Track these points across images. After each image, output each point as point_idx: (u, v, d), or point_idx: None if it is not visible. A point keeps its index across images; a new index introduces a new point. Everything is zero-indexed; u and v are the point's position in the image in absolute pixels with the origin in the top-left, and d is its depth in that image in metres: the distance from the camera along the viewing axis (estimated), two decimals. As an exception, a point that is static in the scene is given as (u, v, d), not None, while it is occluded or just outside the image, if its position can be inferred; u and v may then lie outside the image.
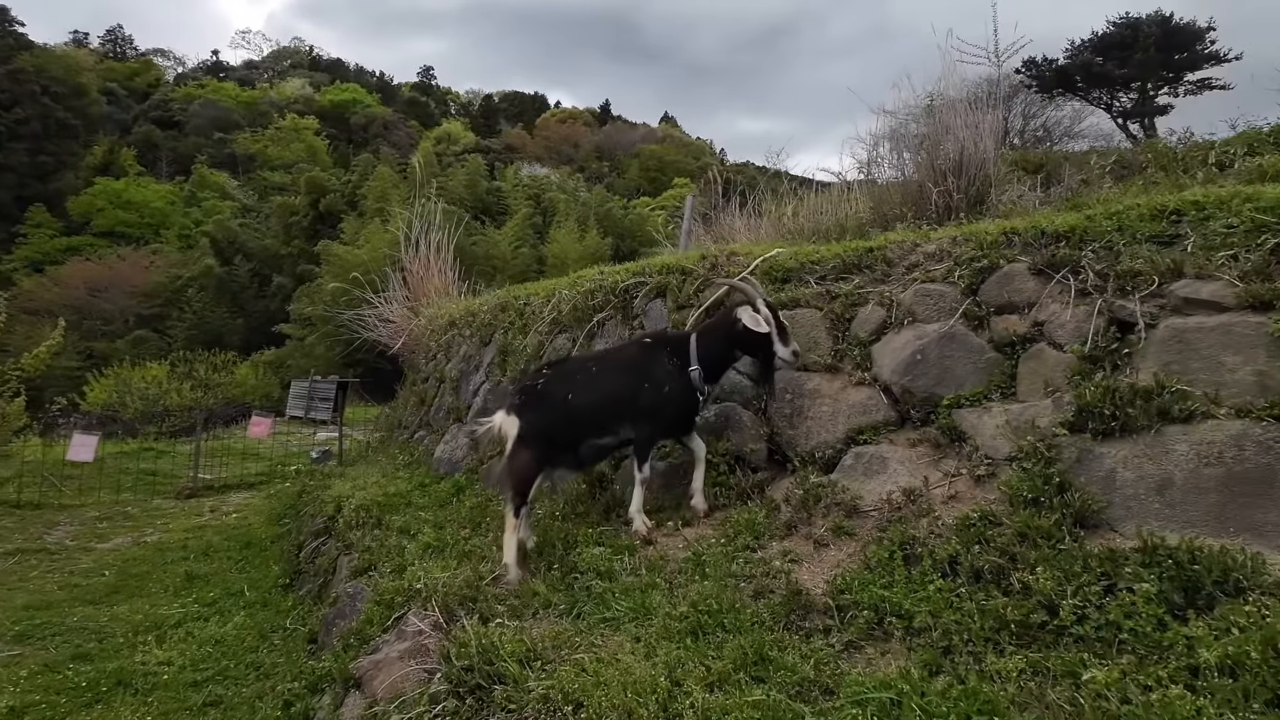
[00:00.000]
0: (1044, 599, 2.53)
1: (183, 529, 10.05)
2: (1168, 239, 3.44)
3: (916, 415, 3.81)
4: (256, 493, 12.75)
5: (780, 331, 3.95)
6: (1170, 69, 23.30)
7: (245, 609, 6.75)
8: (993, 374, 3.64)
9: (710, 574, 3.26)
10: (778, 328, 3.94)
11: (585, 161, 67.45)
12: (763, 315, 3.92)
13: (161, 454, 16.77)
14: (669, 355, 4.22)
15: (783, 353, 3.94)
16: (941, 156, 6.30)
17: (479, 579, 4.14)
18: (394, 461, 8.40)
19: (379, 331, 13.48)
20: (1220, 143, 7.76)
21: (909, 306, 4.10)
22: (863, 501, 3.54)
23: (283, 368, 32.22)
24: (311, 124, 61.38)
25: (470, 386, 7.77)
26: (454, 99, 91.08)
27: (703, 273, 5.41)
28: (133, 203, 51.05)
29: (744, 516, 3.81)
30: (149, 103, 66.06)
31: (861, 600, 2.84)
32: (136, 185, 52.91)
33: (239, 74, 79.22)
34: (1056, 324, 3.49)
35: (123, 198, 50.95)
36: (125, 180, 52.91)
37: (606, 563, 3.61)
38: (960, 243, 4.20)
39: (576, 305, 6.15)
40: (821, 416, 4.11)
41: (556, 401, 4.31)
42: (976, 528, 2.96)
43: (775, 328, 3.93)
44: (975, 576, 2.78)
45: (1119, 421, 2.96)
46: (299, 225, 44.17)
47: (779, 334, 3.93)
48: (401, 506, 6.41)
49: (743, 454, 4.41)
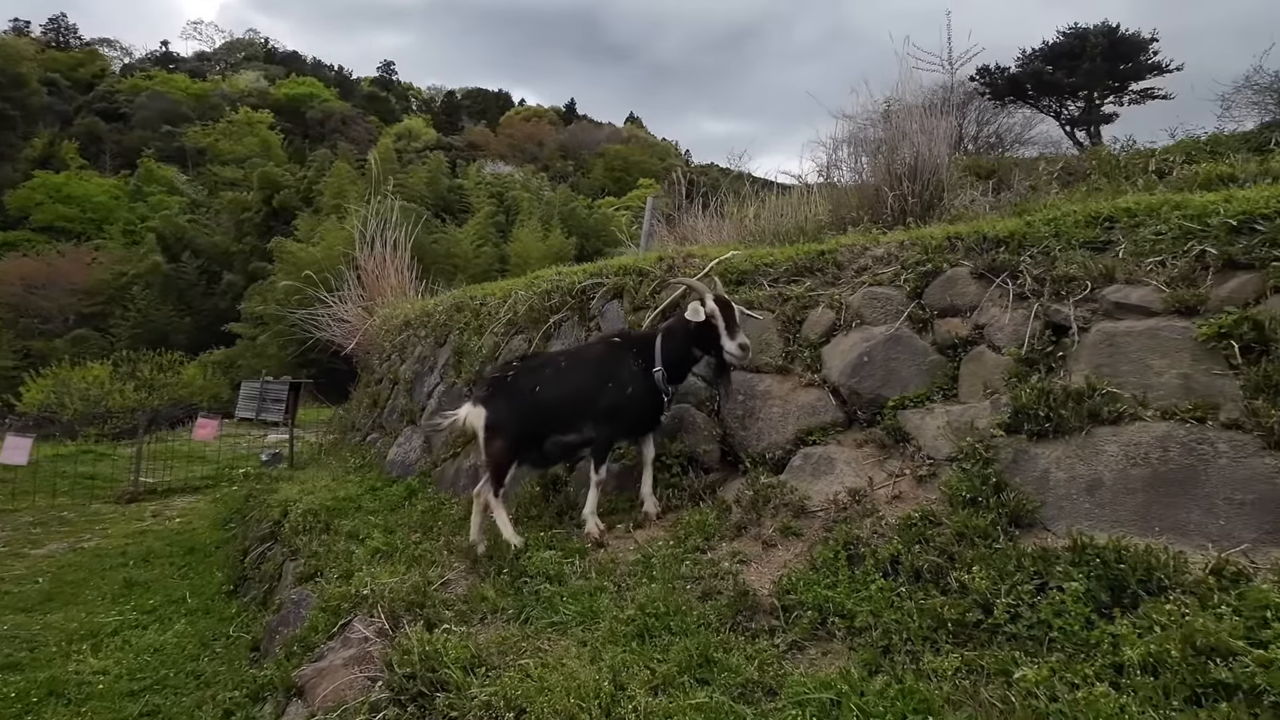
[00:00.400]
0: (979, 598, 2.59)
1: (123, 534, 9.70)
2: (1101, 244, 3.56)
3: (863, 416, 3.87)
4: (202, 497, 12.37)
5: (728, 325, 3.93)
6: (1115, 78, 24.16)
7: (187, 616, 6.56)
8: (936, 376, 3.72)
9: (659, 576, 3.27)
10: (726, 321, 3.92)
11: (549, 160, 67.04)
12: (707, 308, 3.91)
13: (102, 457, 16.17)
14: (635, 356, 4.22)
15: (729, 346, 3.92)
16: (897, 161, 6.45)
17: (427, 584, 4.08)
18: (345, 464, 8.23)
19: (333, 331, 13.21)
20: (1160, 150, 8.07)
21: (857, 309, 4.16)
22: (810, 502, 3.58)
23: (233, 368, 31.34)
24: (266, 118, 59.72)
25: (425, 388, 7.65)
26: (415, 95, 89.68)
27: (660, 274, 5.42)
28: (74, 197, 49.00)
29: (695, 518, 3.82)
30: (93, 94, 63.50)
31: (806, 600, 2.87)
32: (78, 179, 50.81)
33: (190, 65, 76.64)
34: (996, 327, 3.58)
35: (63, 192, 48.88)
36: (66, 174, 50.76)
37: (556, 566, 3.59)
38: (907, 247, 4.29)
39: (533, 306, 6.10)
40: (772, 418, 4.15)
41: (524, 394, 4.32)
42: (918, 527, 3.02)
43: (723, 321, 3.92)
44: (915, 576, 2.83)
45: (1053, 423, 3.05)
46: (251, 222, 43.01)
47: (726, 327, 3.92)
48: (351, 511, 6.29)
49: (696, 455, 4.42)
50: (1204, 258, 3.16)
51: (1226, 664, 1.92)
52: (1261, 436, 2.62)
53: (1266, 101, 16.31)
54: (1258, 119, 14.27)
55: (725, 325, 3.93)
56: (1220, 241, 3.13)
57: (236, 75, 72.84)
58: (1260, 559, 2.35)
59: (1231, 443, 2.66)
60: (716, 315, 3.92)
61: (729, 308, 4.01)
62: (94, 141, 57.68)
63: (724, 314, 3.95)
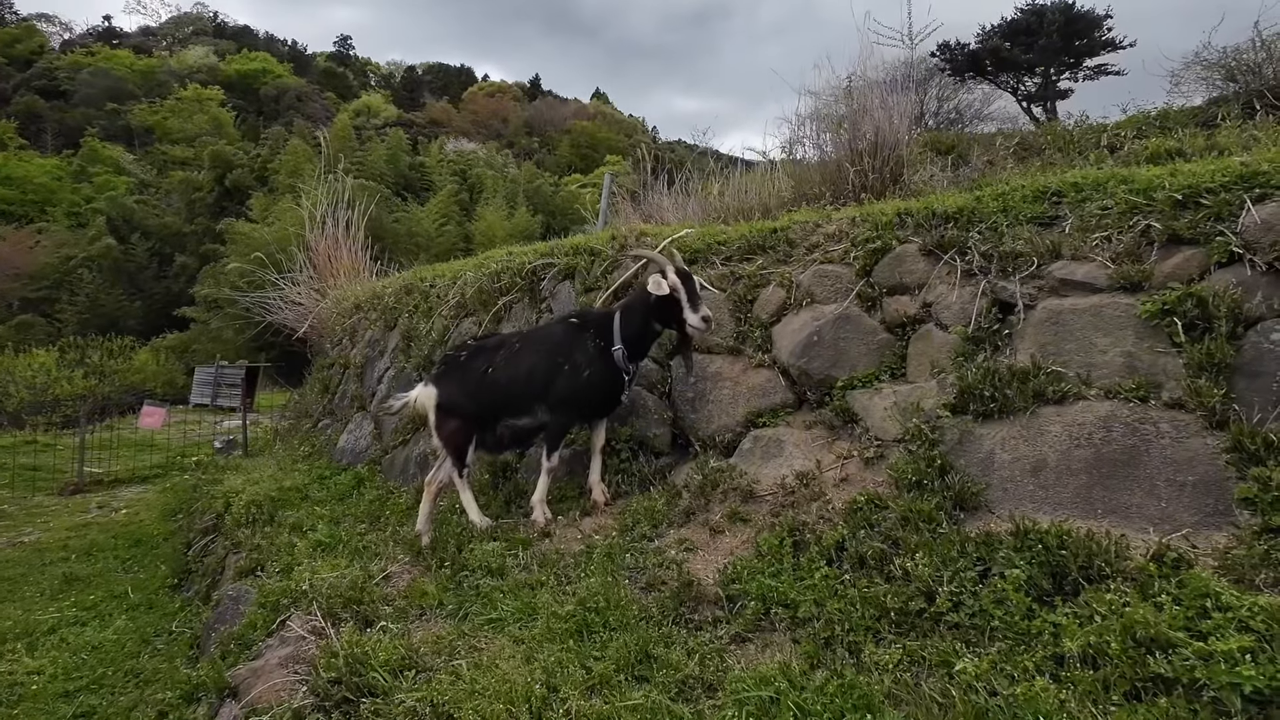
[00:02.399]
0: (922, 585, 2.53)
1: (65, 528, 9.34)
2: (1049, 220, 3.50)
3: (813, 397, 3.79)
4: (151, 487, 11.98)
5: (690, 297, 3.76)
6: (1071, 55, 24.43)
7: (128, 612, 6.32)
8: (884, 355, 3.65)
9: (600, 568, 3.16)
10: (688, 293, 3.76)
11: (514, 137, 65.83)
12: (669, 281, 3.75)
13: (46, 447, 15.56)
14: (592, 336, 4.04)
15: (692, 319, 3.73)
16: (859, 137, 6.38)
17: (368, 578, 3.94)
18: (294, 452, 7.97)
19: (284, 315, 12.79)
20: (1112, 126, 8.09)
21: (808, 288, 4.07)
22: (759, 486, 3.50)
23: (187, 353, 30.45)
24: (216, 95, 57.43)
25: (375, 373, 7.41)
26: (374, 70, 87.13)
27: (612, 253, 5.26)
28: (13, 178, 46.73)
29: (644, 505, 3.72)
30: (31, 71, 60.38)
31: (750, 590, 2.79)
32: (18, 159, 48.43)
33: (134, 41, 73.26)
34: (943, 305, 3.51)
35: (2, 173, 46.63)
36: (5, 154, 48.35)
37: (499, 559, 3.46)
38: (858, 223, 4.19)
39: (482, 288, 5.90)
40: (723, 400, 4.05)
41: (476, 375, 4.18)
42: (863, 512, 2.96)
43: (685, 293, 3.76)
44: (860, 563, 2.77)
45: (998, 403, 3.00)
46: (203, 202, 41.64)
47: (688, 299, 3.75)
48: (297, 501, 6.08)
49: (646, 439, 4.32)
50: (1149, 233, 3.11)
51: (1166, 656, 1.88)
52: (1203, 416, 2.58)
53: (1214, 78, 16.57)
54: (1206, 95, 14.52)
55: (687, 297, 3.77)
56: (1165, 216, 3.07)
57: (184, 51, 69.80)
58: (1201, 543, 2.32)
59: (1174, 423, 2.63)
60: (679, 287, 3.76)
61: (690, 279, 3.85)
62: (34, 120, 55.01)
63: (685, 286, 3.79)
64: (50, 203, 46.54)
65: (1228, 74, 11.21)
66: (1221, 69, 14.00)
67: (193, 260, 37.43)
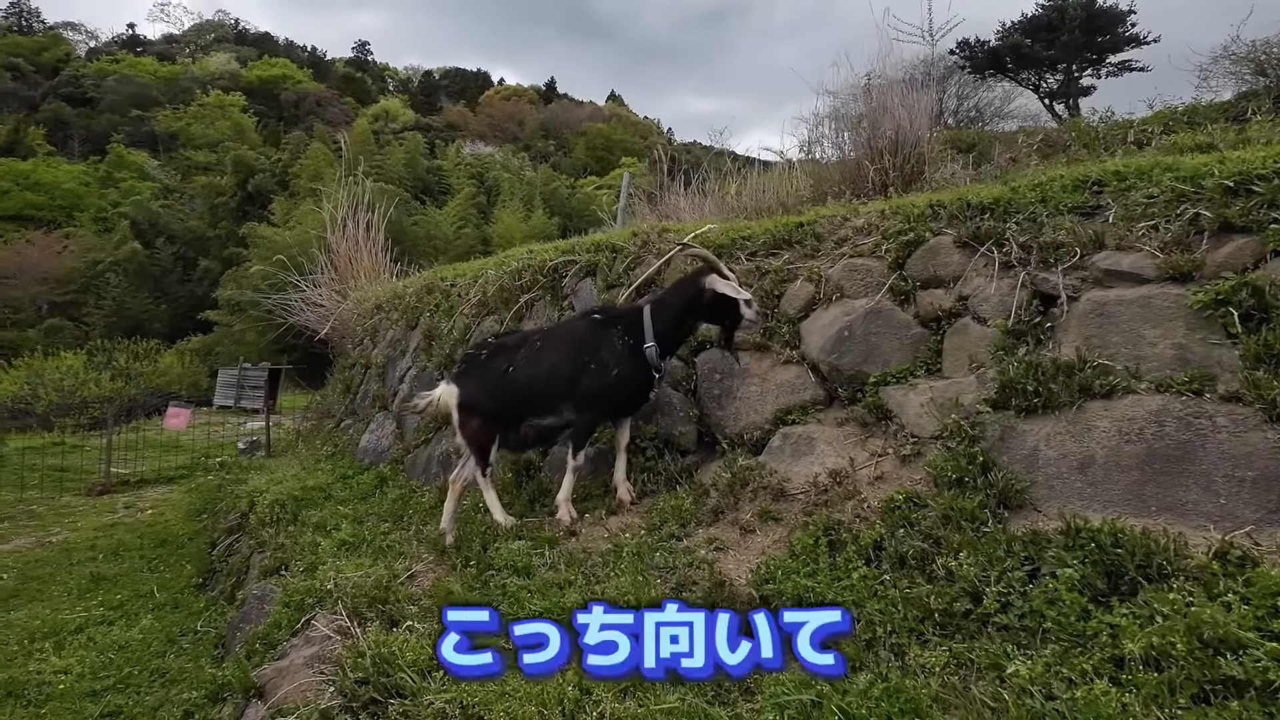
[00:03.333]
0: (968, 586, 2.44)
1: (92, 528, 9.45)
2: (1090, 210, 3.39)
3: (844, 394, 3.70)
4: (176, 487, 12.10)
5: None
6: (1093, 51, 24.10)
7: (154, 611, 6.36)
8: (919, 350, 3.55)
9: (629, 567, 3.09)
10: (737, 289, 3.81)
11: (530, 140, 66.02)
12: (729, 281, 3.78)
13: (74, 449, 15.83)
14: (620, 333, 3.96)
15: (749, 314, 3.79)
16: (879, 135, 6.31)
17: (393, 577, 3.91)
18: (317, 452, 7.99)
19: (306, 316, 12.88)
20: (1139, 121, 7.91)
21: (837, 282, 3.98)
22: (790, 484, 3.42)
23: (210, 355, 30.85)
24: (238, 101, 58.21)
25: (396, 372, 7.41)
26: (392, 75, 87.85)
27: (634, 250, 5.20)
28: (42, 184, 47.61)
29: (671, 503, 3.65)
30: (59, 79, 61.50)
31: (785, 590, 2.71)
32: (46, 165, 49.34)
33: (158, 48, 74.44)
34: (981, 298, 3.40)
35: (30, 179, 47.47)
36: (33, 161, 49.30)
37: (525, 558, 3.41)
38: (888, 216, 4.10)
39: (503, 286, 5.87)
40: (750, 397, 3.98)
41: (497, 373, 4.13)
42: (901, 510, 2.87)
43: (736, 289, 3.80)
44: (900, 562, 2.68)
45: (1042, 398, 2.89)
46: (226, 206, 42.17)
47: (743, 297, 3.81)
48: (321, 500, 6.08)
49: (672, 437, 4.25)
50: (1198, 221, 3.00)
51: (1237, 658, 1.78)
52: (1263, 409, 2.47)
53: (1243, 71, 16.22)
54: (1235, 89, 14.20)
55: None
56: (1215, 204, 2.96)
57: (206, 58, 70.87)
58: (1266, 541, 2.20)
59: (1231, 416, 2.51)
60: (731, 286, 3.80)
61: None
62: (61, 127, 56.05)
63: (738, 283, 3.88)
64: (77, 208, 47.36)
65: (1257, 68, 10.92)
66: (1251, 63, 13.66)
67: (216, 264, 37.90)
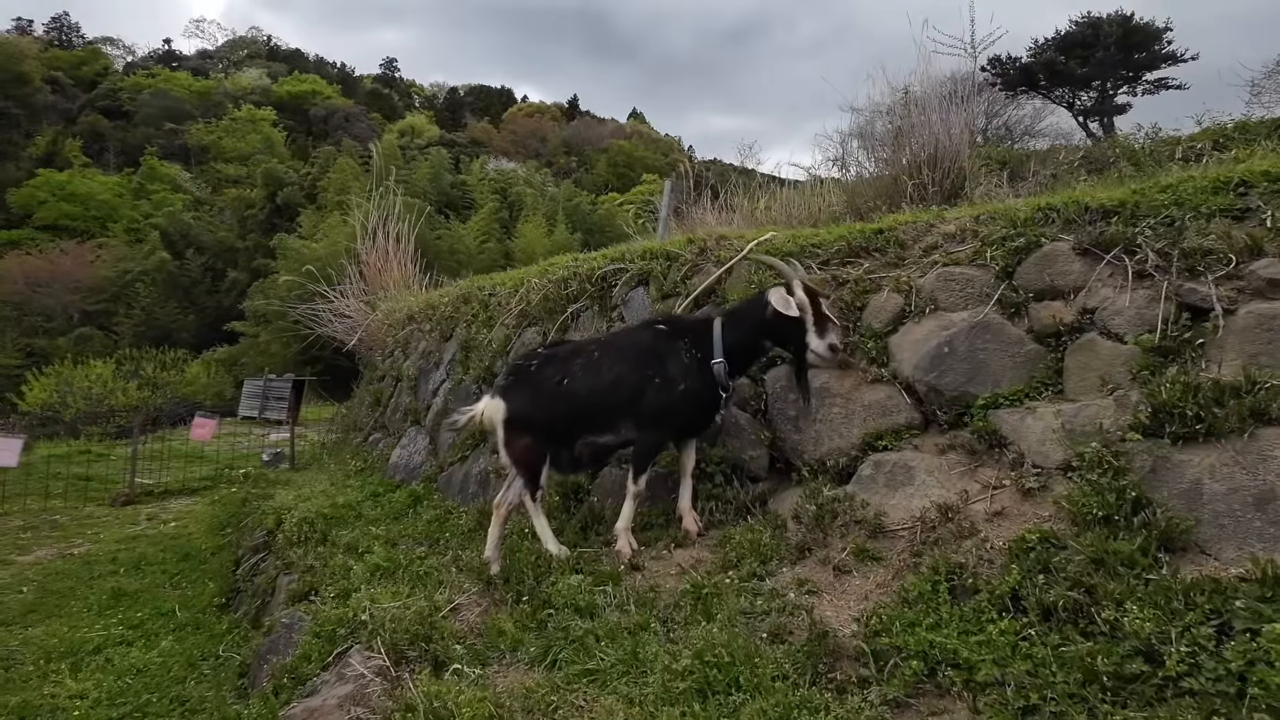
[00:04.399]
0: (1140, 644, 2.03)
1: (115, 539, 9.19)
2: (1238, 213, 2.98)
3: (944, 417, 3.30)
4: (200, 499, 11.85)
5: (818, 320, 3.35)
6: (1129, 68, 23.68)
7: (175, 632, 6.06)
8: (1035, 369, 3.15)
9: (715, 612, 2.69)
10: (815, 314, 3.35)
11: (553, 156, 66.36)
12: (797, 298, 3.34)
13: (99, 457, 15.66)
14: (688, 346, 3.59)
15: (816, 345, 3.32)
16: (916, 148, 6.09)
17: (434, 610, 3.55)
18: (345, 467, 7.69)
19: (333, 327, 12.70)
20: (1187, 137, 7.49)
21: (930, 293, 3.59)
22: (888, 519, 3.02)
23: (236, 366, 30.90)
24: (268, 115, 59.13)
25: (430, 385, 7.10)
26: (418, 92, 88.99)
27: (690, 258, 4.86)
28: (77, 195, 48.53)
29: (746, 537, 3.26)
30: (96, 92, 62.96)
31: (905, 645, 2.31)
32: (81, 177, 50.32)
33: (192, 64, 76.05)
34: (1111, 310, 3.00)
35: (67, 189, 48.41)
36: (70, 172, 50.27)
37: (587, 596, 3.03)
38: (986, 221, 3.71)
39: (548, 295, 5.54)
40: (833, 419, 3.59)
41: (549, 385, 3.75)
42: (1036, 552, 2.46)
43: (812, 315, 3.34)
44: (1045, 614, 2.27)
45: (1203, 424, 2.48)
46: (255, 219, 42.62)
47: (815, 323, 3.34)
48: (351, 519, 5.76)
49: (741, 462, 3.86)
50: (1376, 224, 2.59)
51: None
52: None
53: (1299, 86, 15.77)
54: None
55: (814, 320, 3.35)
56: (1400, 203, 2.55)
57: (239, 73, 72.22)
58: None
59: None
60: (806, 307, 3.35)
61: (817, 298, 3.42)
62: (97, 139, 57.25)
63: (813, 305, 3.37)
64: (111, 219, 48.18)
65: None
66: (1305, 78, 13.07)
67: (244, 275, 38.18)
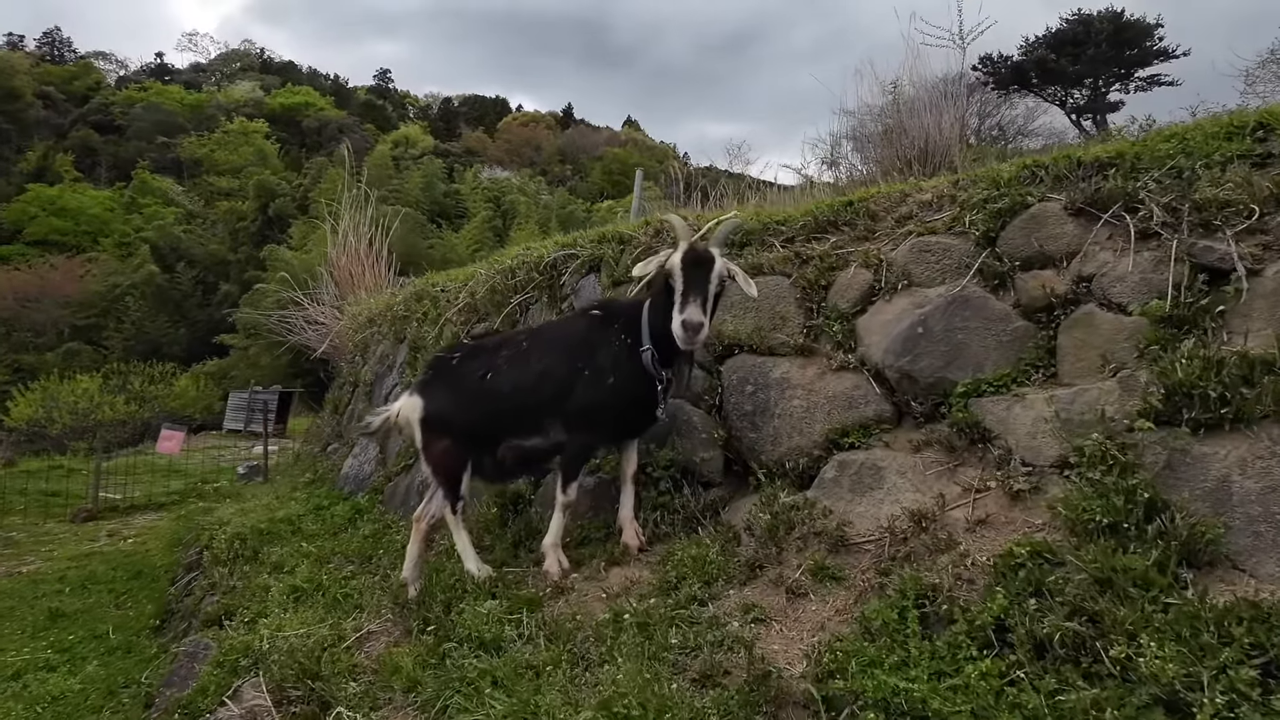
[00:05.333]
0: (1162, 691, 1.55)
1: (68, 557, 8.76)
2: (1257, 159, 2.52)
3: (919, 408, 2.83)
4: (166, 514, 11.41)
5: (685, 292, 2.72)
6: (1121, 65, 23.48)
7: (104, 656, 5.62)
8: (1023, 349, 2.67)
9: (634, 649, 2.19)
10: (684, 284, 2.72)
11: (548, 164, 66.16)
12: (669, 262, 2.75)
13: (72, 472, 15.25)
14: (618, 332, 3.09)
15: (674, 322, 2.72)
16: (907, 145, 5.93)
17: (338, 640, 3.10)
18: (295, 480, 7.21)
19: (307, 335, 12.26)
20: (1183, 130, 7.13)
21: (903, 266, 3.12)
22: (853, 529, 2.54)
23: (226, 379, 30.54)
24: (261, 127, 58.85)
25: (384, 390, 6.64)
26: (412, 102, 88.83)
27: (645, 240, 4.39)
28: (68, 209, 48.24)
29: (691, 552, 2.76)
30: (88, 106, 62.77)
31: (863, 690, 1.82)
32: (72, 191, 50.03)
33: (185, 77, 75.90)
34: (1111, 277, 2.53)
35: (57, 204, 48.12)
36: (61, 187, 50.00)
37: (495, 627, 2.54)
38: (965, 186, 3.25)
39: (495, 287, 5.07)
40: (793, 414, 3.11)
41: (472, 382, 3.30)
42: (1027, 570, 1.97)
43: (681, 284, 2.72)
44: (1037, 651, 1.79)
45: (1230, 408, 2.00)
46: (247, 231, 42.37)
47: (681, 294, 2.72)
48: (287, 535, 5.30)
49: (692, 465, 3.37)
50: None
51: None
52: None
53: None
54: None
55: (682, 290, 2.73)
56: None
57: (232, 86, 72.07)
58: None
59: None
60: (675, 274, 2.75)
61: (699, 266, 2.76)
62: (89, 154, 57.01)
63: (686, 274, 2.74)
64: (102, 233, 47.88)
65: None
66: (1299, 67, 12.69)
67: (236, 288, 37.85)
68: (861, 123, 7.49)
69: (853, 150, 7.78)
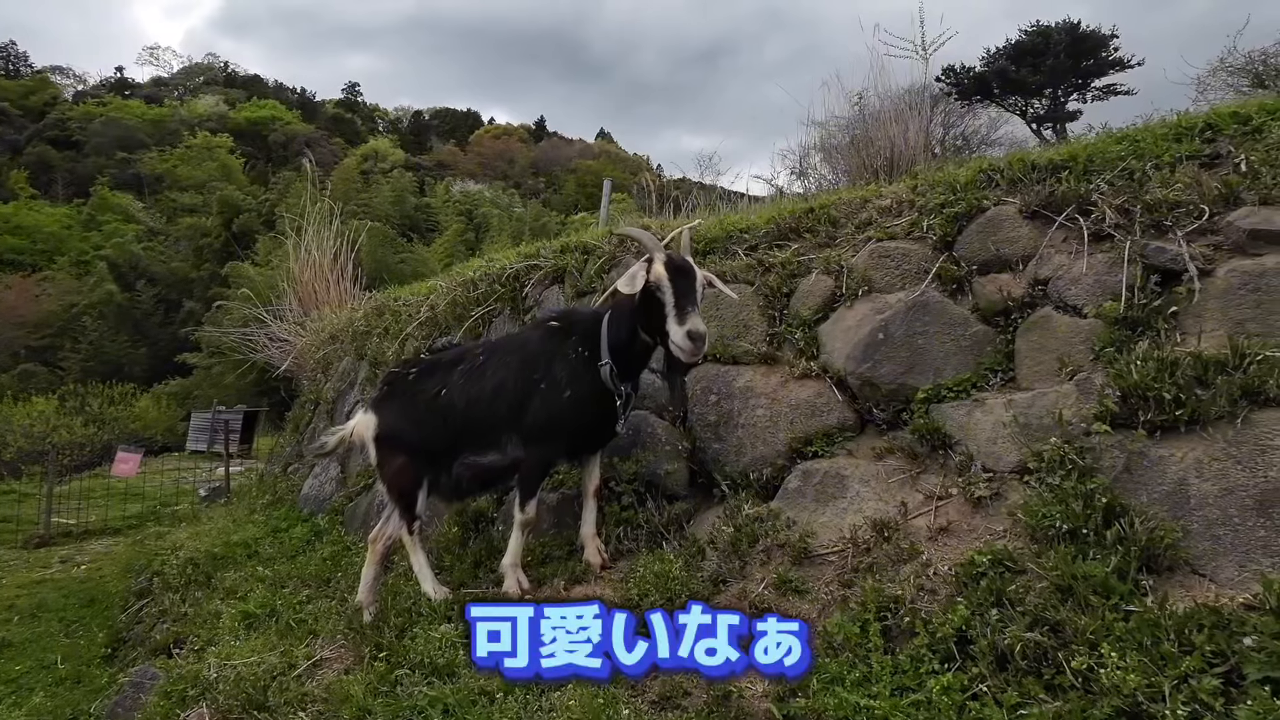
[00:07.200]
0: (1124, 703, 1.51)
1: (17, 585, 8.44)
2: (1205, 159, 2.54)
3: (882, 415, 2.80)
4: (124, 539, 11.05)
5: (679, 302, 2.59)
6: (1079, 75, 24.14)
7: (51, 687, 5.43)
8: (982, 354, 2.66)
9: (590, 671, 2.12)
10: (676, 295, 2.60)
11: (521, 177, 66.01)
12: (651, 274, 2.62)
13: (25, 497, 14.72)
14: (575, 344, 2.98)
15: (675, 333, 2.56)
16: (874, 154, 6.01)
17: (289, 667, 2.97)
18: (253, 501, 7.00)
19: (269, 352, 11.96)
20: None
21: (864, 273, 3.10)
22: (816, 540, 2.49)
23: (189, 399, 29.79)
24: (225, 142, 57.83)
25: (345, 408, 6.46)
26: (382, 116, 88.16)
27: (609, 250, 4.34)
28: (23, 227, 46.99)
29: (653, 569, 2.69)
30: (44, 122, 61.22)
31: (824, 709, 1.77)
32: (28, 209, 48.80)
33: (146, 91, 74.38)
34: (1067, 280, 2.53)
35: (12, 222, 46.84)
36: (15, 204, 48.77)
37: (450, 651, 2.44)
38: (923, 191, 3.25)
39: (456, 300, 4.97)
40: (757, 423, 3.06)
41: (426, 397, 3.21)
42: (989, 579, 1.94)
43: (672, 294, 2.60)
44: (999, 663, 1.75)
45: (1185, 409, 1.99)
46: (211, 247, 41.51)
47: (676, 304, 2.59)
48: (243, 559, 5.12)
49: (656, 478, 3.30)
50: (1372, 163, 2.16)
51: None
52: None
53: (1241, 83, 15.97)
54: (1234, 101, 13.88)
55: (674, 300, 2.60)
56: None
57: (195, 100, 70.93)
58: None
59: None
60: (664, 285, 2.62)
61: (686, 275, 2.67)
62: (45, 170, 55.61)
63: (675, 283, 2.62)
64: (59, 251, 46.66)
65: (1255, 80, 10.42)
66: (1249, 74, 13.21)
67: (199, 306, 37.04)
68: (830, 134, 7.59)
69: (821, 160, 7.86)
